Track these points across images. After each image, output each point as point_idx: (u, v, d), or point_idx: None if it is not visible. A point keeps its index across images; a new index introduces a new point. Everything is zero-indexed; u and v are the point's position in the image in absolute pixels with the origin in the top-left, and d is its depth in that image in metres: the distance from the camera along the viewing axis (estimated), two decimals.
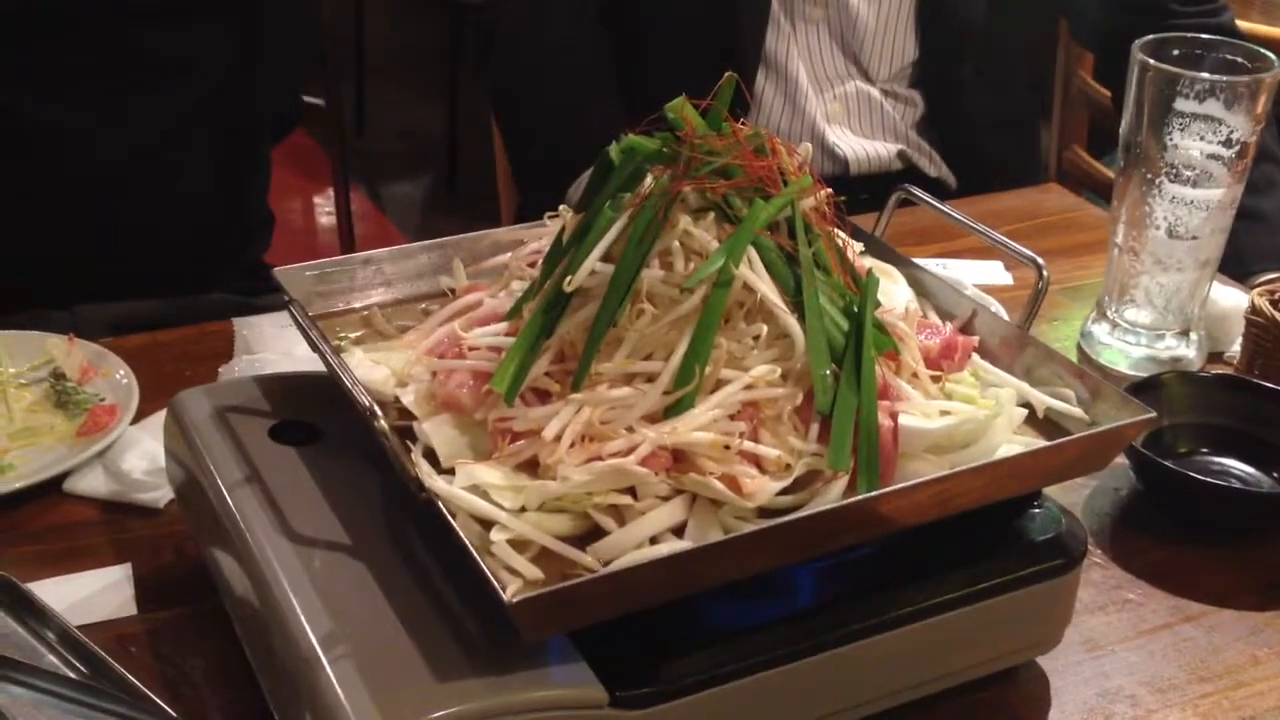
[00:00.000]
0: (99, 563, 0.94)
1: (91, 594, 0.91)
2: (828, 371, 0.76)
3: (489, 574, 0.67)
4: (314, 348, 0.82)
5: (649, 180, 0.79)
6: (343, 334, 0.91)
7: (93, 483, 1.01)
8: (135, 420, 1.05)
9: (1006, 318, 0.94)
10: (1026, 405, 0.85)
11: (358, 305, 0.94)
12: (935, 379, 0.83)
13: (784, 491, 0.74)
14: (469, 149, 3.52)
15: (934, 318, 0.91)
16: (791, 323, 0.77)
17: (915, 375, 0.82)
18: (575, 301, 0.78)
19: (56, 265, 1.39)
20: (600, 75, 1.62)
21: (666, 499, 0.73)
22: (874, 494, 0.73)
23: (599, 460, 0.72)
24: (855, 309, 0.79)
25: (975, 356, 0.87)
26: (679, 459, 0.74)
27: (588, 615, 0.69)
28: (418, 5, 4.50)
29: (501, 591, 0.66)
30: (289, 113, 1.69)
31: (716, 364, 0.75)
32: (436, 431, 0.78)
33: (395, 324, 0.92)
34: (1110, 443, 0.81)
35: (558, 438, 0.73)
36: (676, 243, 0.77)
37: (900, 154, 1.63)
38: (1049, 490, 0.85)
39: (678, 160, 0.78)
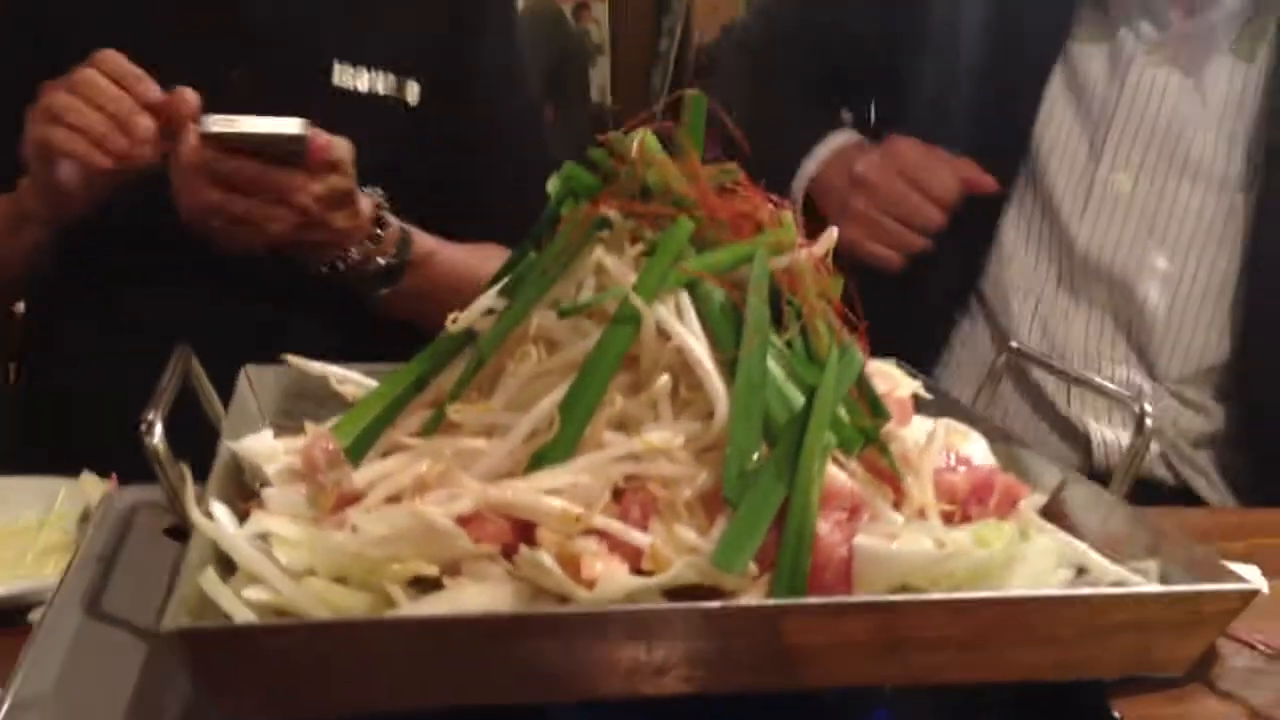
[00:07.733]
0: None
1: None
2: (755, 453, 0.55)
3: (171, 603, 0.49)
4: None
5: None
6: None
7: None
8: None
9: None
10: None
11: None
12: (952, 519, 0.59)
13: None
14: None
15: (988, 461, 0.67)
16: (717, 384, 0.57)
17: (922, 513, 0.59)
18: (468, 350, 0.62)
19: None
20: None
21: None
22: (767, 604, 0.50)
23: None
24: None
25: (1032, 513, 0.62)
26: (529, 537, 0.54)
27: (289, 690, 0.48)
28: None
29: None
30: None
31: (599, 422, 0.56)
32: (279, 498, 0.62)
33: None
34: (1181, 618, 0.53)
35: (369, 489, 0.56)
36: (592, 279, 0.60)
37: (1167, 465, 1.26)
38: None
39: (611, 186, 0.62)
